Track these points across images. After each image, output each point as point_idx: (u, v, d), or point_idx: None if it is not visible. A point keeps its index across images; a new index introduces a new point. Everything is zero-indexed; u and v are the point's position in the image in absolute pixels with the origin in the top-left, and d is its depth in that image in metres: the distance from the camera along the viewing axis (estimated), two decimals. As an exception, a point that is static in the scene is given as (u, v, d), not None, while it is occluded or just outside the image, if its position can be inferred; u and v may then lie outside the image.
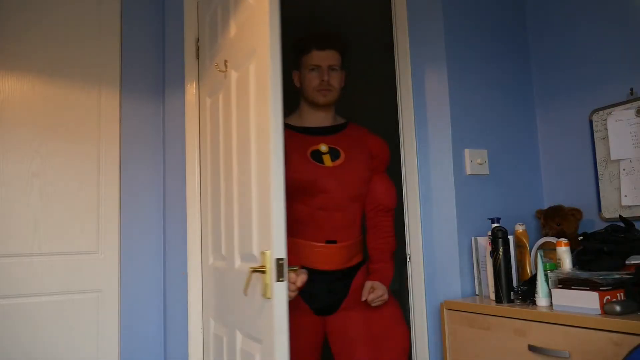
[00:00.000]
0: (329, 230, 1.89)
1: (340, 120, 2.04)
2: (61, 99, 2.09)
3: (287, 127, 1.96)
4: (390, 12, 2.17)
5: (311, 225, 1.89)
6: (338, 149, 1.94)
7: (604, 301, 1.39)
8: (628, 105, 1.86)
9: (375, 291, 1.86)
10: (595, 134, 1.97)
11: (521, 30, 2.26)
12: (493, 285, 1.72)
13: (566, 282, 1.51)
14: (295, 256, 1.86)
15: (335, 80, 1.94)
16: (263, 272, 1.38)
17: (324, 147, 1.92)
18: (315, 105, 1.95)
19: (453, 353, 1.77)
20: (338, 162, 1.91)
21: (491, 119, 2.10)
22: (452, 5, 2.06)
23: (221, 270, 1.87)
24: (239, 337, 1.67)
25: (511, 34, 2.23)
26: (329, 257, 1.88)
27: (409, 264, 1.99)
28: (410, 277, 1.98)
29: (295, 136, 1.95)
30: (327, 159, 1.90)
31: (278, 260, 1.35)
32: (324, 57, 1.91)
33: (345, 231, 1.91)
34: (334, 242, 1.89)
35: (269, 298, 1.37)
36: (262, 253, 1.41)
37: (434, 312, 1.92)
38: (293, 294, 1.61)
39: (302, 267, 1.85)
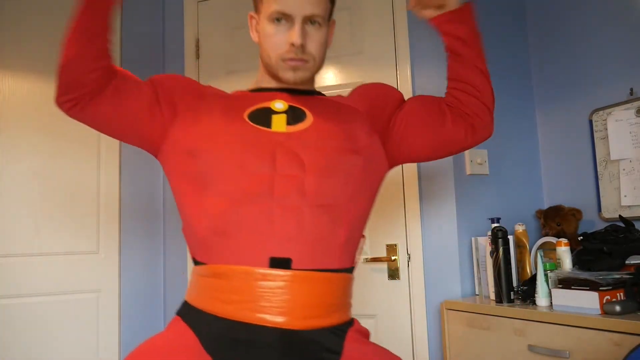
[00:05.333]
0: (278, 241, 1.00)
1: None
2: (61, 99, 2.09)
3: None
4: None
5: (241, 234, 1.01)
6: (303, 109, 1.14)
7: (604, 301, 1.39)
8: (628, 105, 1.86)
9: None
10: (595, 134, 1.97)
11: (521, 30, 2.26)
12: (493, 285, 1.72)
13: (566, 282, 1.51)
14: (205, 299, 1.03)
15: (316, 43, 1.11)
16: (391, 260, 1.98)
17: (279, 104, 1.12)
18: (280, 81, 1.14)
19: (453, 353, 1.77)
20: (299, 125, 1.10)
21: (491, 119, 2.09)
22: (452, 5, 2.06)
23: None
24: None
25: (511, 34, 2.23)
26: (280, 297, 0.98)
27: (409, 264, 1.99)
28: (410, 277, 1.98)
29: (236, 97, 1.17)
30: (278, 121, 1.10)
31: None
32: (298, 1, 1.07)
33: (315, 245, 1.02)
34: (287, 261, 0.99)
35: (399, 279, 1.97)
36: (390, 245, 2.00)
37: (434, 312, 1.92)
38: None
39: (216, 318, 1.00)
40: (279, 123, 1.09)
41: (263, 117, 1.10)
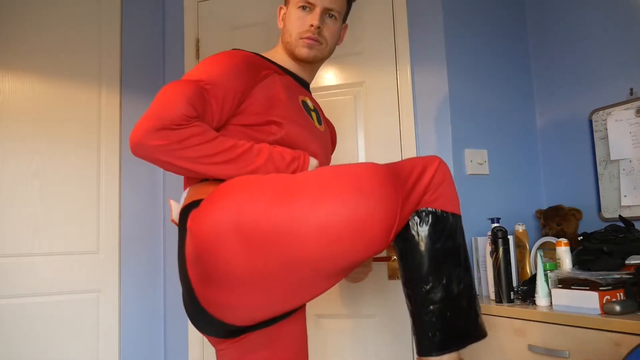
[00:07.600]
0: None
1: None
2: (61, 98, 2.09)
3: (265, 59, 1.35)
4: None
5: None
6: (320, 114, 1.46)
7: (604, 301, 1.39)
8: (628, 105, 1.86)
9: None
10: (595, 134, 1.97)
11: (521, 30, 2.26)
12: (493, 285, 1.72)
13: (566, 282, 1.51)
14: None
15: (330, 32, 1.39)
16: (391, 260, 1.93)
17: (310, 103, 1.41)
18: (294, 58, 1.40)
19: (453, 353, 1.77)
20: (322, 128, 1.41)
21: (491, 119, 2.10)
22: (452, 5, 2.06)
23: None
24: (326, 321, 2.03)
25: (511, 34, 2.23)
26: None
27: (409, 264, 2.00)
28: (410, 277, 1.98)
29: (282, 75, 1.37)
30: (315, 118, 1.39)
31: None
32: None
33: None
34: None
35: (398, 279, 1.91)
36: (390, 246, 1.97)
37: (434, 312, 1.91)
38: None
39: None
40: (316, 121, 1.38)
41: (307, 111, 1.36)
